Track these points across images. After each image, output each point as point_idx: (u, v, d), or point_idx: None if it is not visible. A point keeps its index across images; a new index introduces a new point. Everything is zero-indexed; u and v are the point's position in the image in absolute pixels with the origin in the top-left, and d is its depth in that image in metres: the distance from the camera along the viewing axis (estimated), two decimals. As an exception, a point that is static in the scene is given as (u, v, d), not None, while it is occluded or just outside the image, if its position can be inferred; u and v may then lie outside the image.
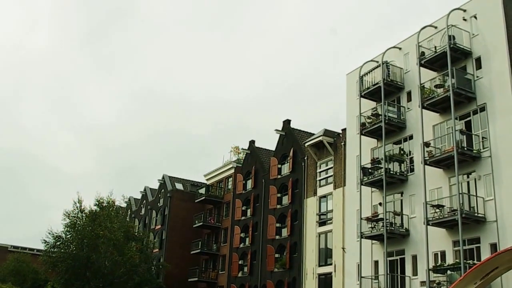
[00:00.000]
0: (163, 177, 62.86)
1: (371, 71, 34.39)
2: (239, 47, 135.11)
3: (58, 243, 37.10)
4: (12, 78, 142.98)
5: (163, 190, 62.09)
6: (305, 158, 41.77)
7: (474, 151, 26.78)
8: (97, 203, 39.04)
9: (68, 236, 37.22)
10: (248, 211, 48.99)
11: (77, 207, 38.61)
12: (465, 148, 26.85)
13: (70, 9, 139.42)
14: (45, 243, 37.85)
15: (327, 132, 39.77)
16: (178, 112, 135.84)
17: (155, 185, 66.09)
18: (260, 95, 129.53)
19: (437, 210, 27.04)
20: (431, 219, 27.10)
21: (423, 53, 30.29)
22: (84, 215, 38.41)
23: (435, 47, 29.75)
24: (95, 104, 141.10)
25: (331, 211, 37.82)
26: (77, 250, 36.62)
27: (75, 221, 37.68)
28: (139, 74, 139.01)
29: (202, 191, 56.36)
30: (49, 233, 37.44)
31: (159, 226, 60.02)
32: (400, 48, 33.86)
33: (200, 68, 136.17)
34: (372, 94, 34.01)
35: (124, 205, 40.40)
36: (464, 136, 27.31)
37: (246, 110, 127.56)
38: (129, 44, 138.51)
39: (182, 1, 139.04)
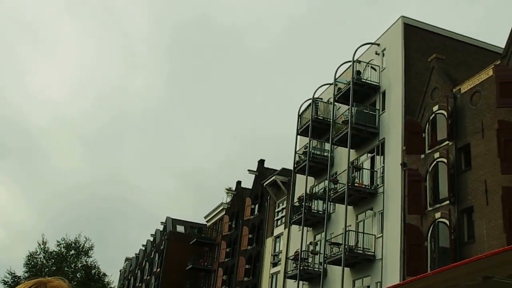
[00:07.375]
0: (166, 219, 63.91)
1: (307, 109, 34.35)
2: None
3: (14, 283, 38.47)
4: (114, 121, 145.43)
5: (165, 233, 63.02)
6: (268, 198, 41.60)
7: (372, 188, 26.05)
8: (60, 243, 40.45)
9: (26, 275, 38.61)
10: (231, 252, 48.92)
11: (41, 248, 40.23)
12: (364, 185, 26.20)
13: (172, 54, 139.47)
14: (3, 283, 39.42)
15: (283, 171, 39.60)
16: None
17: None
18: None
19: (334, 248, 26.33)
20: (328, 257, 26.40)
21: (339, 89, 30.09)
22: (47, 255, 39.90)
23: (348, 82, 29.49)
24: (194, 147, 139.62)
25: (281, 251, 37.31)
26: None
27: (36, 261, 39.18)
28: (241, 113, 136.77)
29: (195, 232, 56.86)
30: (8, 273, 39.13)
31: (159, 269, 60.71)
32: (336, 84, 33.67)
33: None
34: (307, 131, 33.81)
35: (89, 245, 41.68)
36: (360, 172, 26.69)
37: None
38: (225, 88, 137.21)
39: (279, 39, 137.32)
